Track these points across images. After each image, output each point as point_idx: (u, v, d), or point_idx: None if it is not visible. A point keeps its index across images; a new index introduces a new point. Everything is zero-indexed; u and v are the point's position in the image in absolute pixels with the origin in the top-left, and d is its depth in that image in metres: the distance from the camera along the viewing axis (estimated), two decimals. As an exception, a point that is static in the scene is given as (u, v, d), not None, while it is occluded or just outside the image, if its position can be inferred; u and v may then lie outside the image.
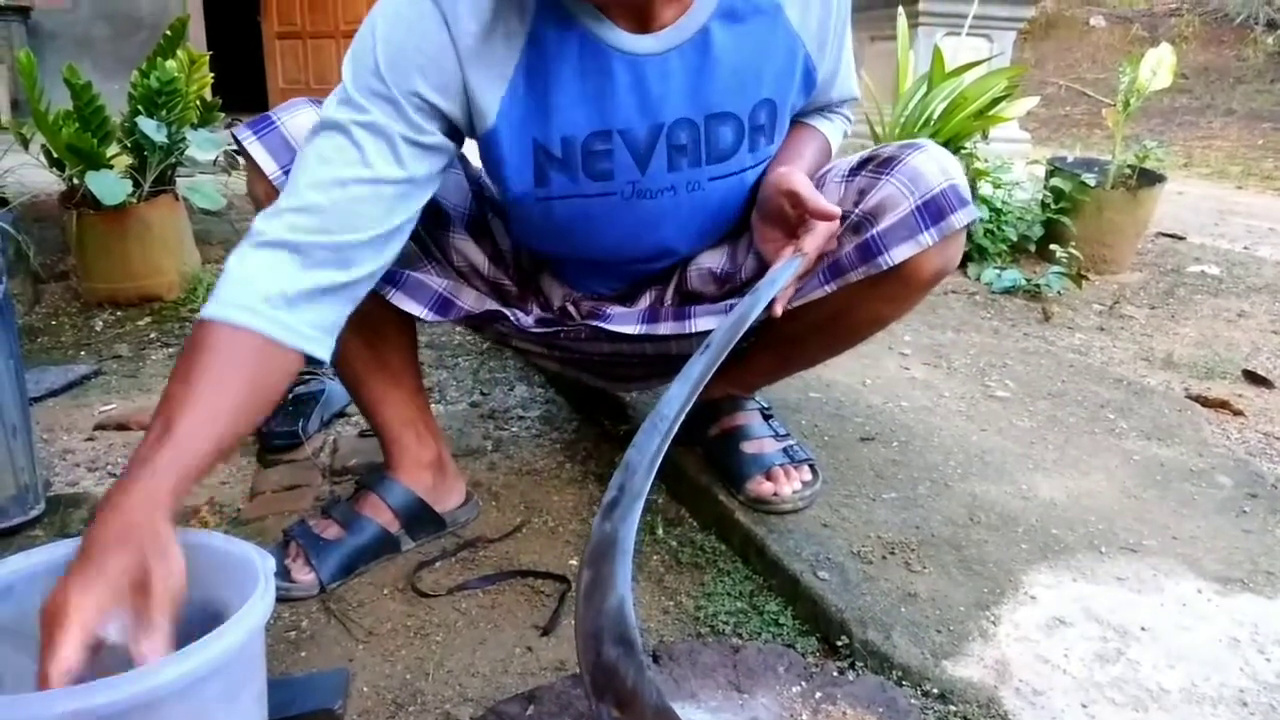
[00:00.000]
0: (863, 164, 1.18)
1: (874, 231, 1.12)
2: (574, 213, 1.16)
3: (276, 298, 0.96)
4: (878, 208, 1.13)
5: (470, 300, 1.29)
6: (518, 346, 1.48)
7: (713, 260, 1.29)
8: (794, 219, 1.15)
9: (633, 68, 1.07)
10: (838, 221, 1.13)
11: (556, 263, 1.34)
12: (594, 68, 1.06)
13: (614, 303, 1.34)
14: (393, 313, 1.26)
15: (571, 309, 1.35)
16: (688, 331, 1.21)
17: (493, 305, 1.28)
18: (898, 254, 1.12)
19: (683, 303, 1.30)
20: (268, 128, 1.15)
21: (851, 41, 1.28)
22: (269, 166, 1.14)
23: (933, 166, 1.12)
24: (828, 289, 1.17)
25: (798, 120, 1.28)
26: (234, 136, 1.17)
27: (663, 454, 0.90)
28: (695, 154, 1.14)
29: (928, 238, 1.11)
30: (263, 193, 1.15)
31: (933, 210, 1.11)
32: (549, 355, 1.44)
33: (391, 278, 1.20)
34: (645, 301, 1.33)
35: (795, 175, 1.13)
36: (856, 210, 1.15)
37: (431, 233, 1.27)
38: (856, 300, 1.21)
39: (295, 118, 1.16)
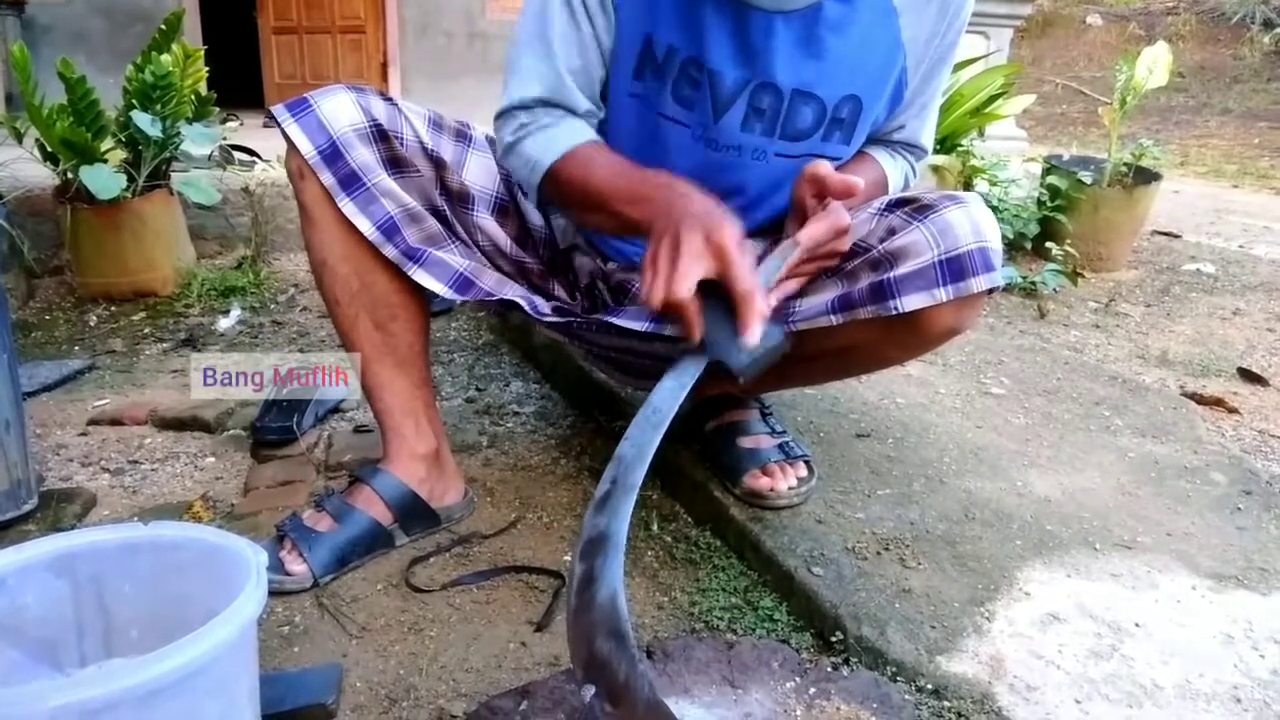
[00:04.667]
0: (901, 203, 1.15)
1: (891, 274, 1.10)
2: (648, 130, 1.20)
3: (581, 126, 1.19)
4: (900, 251, 1.10)
5: (490, 282, 1.30)
6: (542, 331, 1.50)
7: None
8: (811, 208, 1.13)
9: (739, 15, 1.10)
10: (848, 216, 1.11)
11: None
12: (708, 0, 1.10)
13: None
14: (406, 297, 1.29)
15: (601, 285, 1.36)
16: None
17: (510, 293, 1.29)
18: (909, 302, 1.09)
19: None
20: (304, 110, 1.21)
21: (940, 90, 1.29)
22: (305, 147, 1.20)
23: (965, 225, 1.08)
24: (833, 320, 1.15)
25: (862, 151, 1.28)
26: (272, 115, 1.24)
27: (655, 447, 0.90)
28: (771, 124, 1.17)
29: (943, 294, 1.08)
30: (296, 169, 1.22)
31: (954, 268, 1.08)
32: (572, 344, 1.47)
33: (413, 254, 1.24)
34: None
35: (821, 162, 1.12)
36: (879, 247, 1.13)
37: (455, 211, 1.30)
38: (866, 339, 1.20)
39: (330, 101, 1.21)
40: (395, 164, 1.24)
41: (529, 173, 1.19)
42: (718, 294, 0.96)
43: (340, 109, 1.21)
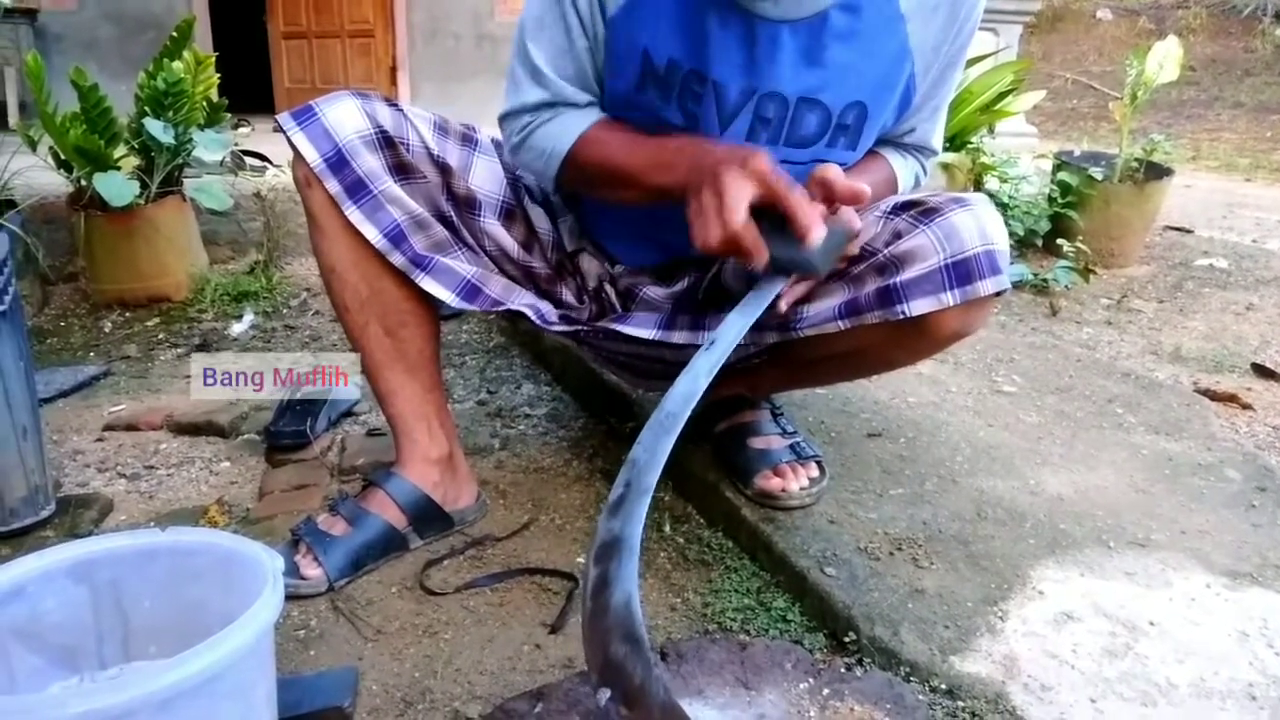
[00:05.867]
0: (907, 206, 1.15)
1: (897, 279, 1.10)
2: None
3: (587, 111, 1.20)
4: (906, 255, 1.10)
5: (498, 289, 1.30)
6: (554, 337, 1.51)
7: None
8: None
9: (745, 25, 1.09)
10: (856, 223, 1.11)
11: (609, 217, 1.35)
12: (711, 10, 1.09)
13: (652, 279, 1.34)
14: (415, 303, 1.29)
15: (608, 289, 1.37)
16: (700, 343, 1.21)
17: (517, 302, 1.30)
18: (916, 307, 1.09)
19: (714, 297, 1.31)
20: (310, 118, 1.21)
21: (950, 91, 1.29)
22: (310, 155, 1.20)
23: (972, 228, 1.08)
24: (841, 325, 1.16)
25: (872, 150, 1.27)
26: (278, 124, 1.23)
27: (669, 451, 0.90)
28: (776, 131, 1.16)
29: (949, 297, 1.08)
30: (303, 177, 1.22)
31: (961, 272, 1.08)
32: (581, 348, 1.46)
33: (420, 262, 1.24)
34: (683, 283, 1.34)
35: (830, 165, 1.12)
36: (885, 251, 1.13)
37: (462, 217, 1.30)
38: (872, 342, 1.20)
39: (335, 109, 1.21)
40: (401, 170, 1.24)
41: (544, 164, 1.20)
42: (768, 220, 1.00)
43: (346, 116, 1.21)
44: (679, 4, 1.10)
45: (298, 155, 1.21)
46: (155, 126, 2.42)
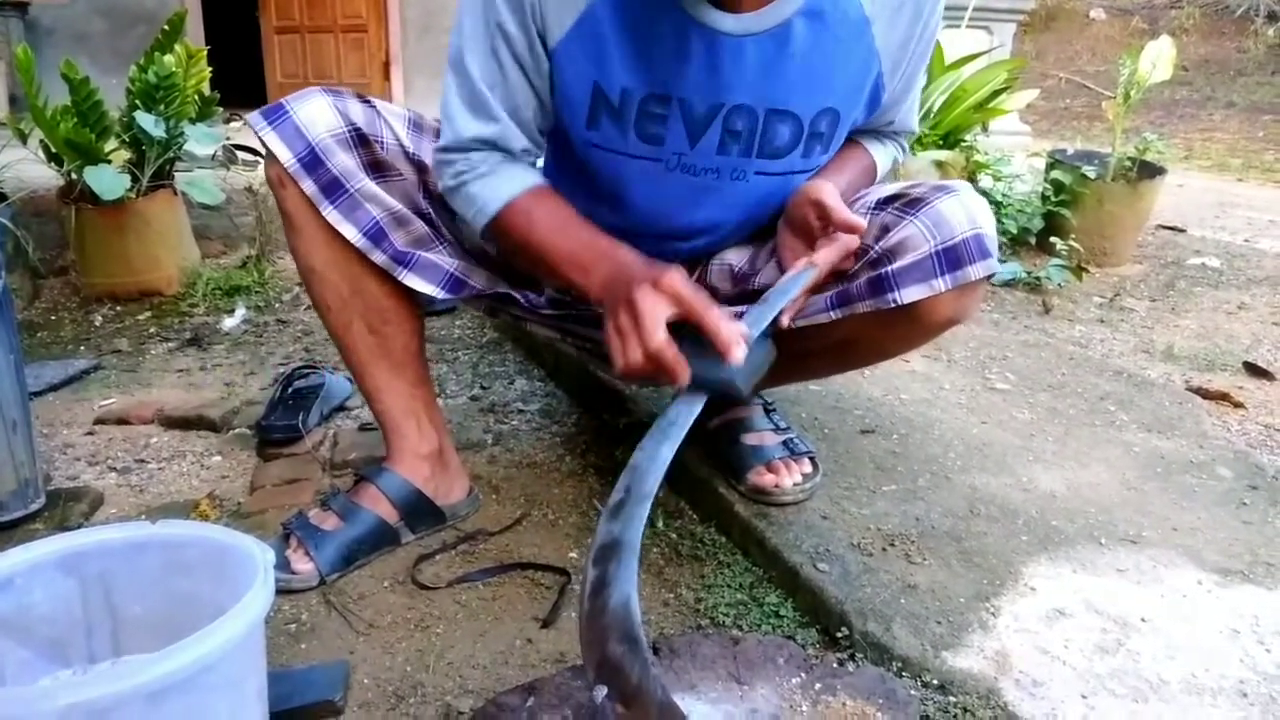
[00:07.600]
0: (892, 199, 1.15)
1: (888, 269, 1.10)
2: (616, 171, 1.17)
3: (516, 173, 1.16)
4: (897, 247, 1.11)
5: (482, 280, 1.29)
6: (535, 331, 1.49)
7: (735, 257, 1.31)
8: (817, 230, 1.14)
9: (707, 42, 1.07)
10: (857, 239, 1.12)
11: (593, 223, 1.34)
12: (669, 31, 1.07)
13: None
14: (397, 300, 1.28)
15: None
16: None
17: (505, 287, 1.29)
18: (908, 294, 1.09)
19: None
20: (281, 116, 1.19)
21: (923, 77, 1.28)
22: (283, 154, 1.18)
23: (959, 214, 1.09)
24: (833, 315, 1.16)
25: (850, 139, 1.27)
26: (249, 124, 1.21)
27: (670, 457, 0.91)
28: (748, 144, 1.14)
29: (941, 283, 1.09)
30: (276, 177, 1.21)
31: (951, 258, 1.08)
32: (564, 340, 1.46)
33: (401, 259, 1.23)
34: None
35: (825, 186, 1.13)
36: (876, 246, 1.13)
37: (441, 215, 1.29)
38: (864, 332, 1.20)
39: (306, 107, 1.19)
40: (376, 168, 1.22)
41: (473, 218, 1.17)
42: (688, 338, 0.97)
43: (317, 114, 1.19)
44: (626, 29, 1.07)
45: (270, 155, 1.20)
46: (146, 120, 2.41)
